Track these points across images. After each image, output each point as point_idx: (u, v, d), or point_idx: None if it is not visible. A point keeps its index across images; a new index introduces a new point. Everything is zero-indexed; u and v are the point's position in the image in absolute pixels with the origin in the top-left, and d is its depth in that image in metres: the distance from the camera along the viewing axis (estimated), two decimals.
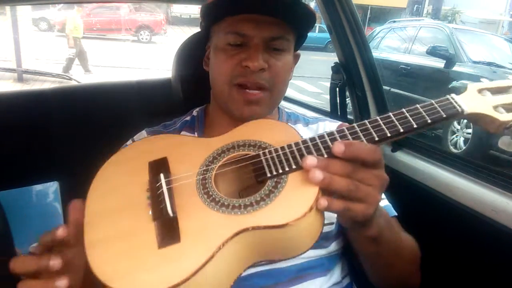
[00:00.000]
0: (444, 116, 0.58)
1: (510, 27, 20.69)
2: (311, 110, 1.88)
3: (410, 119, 0.57)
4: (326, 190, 0.53)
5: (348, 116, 1.52)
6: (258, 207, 0.50)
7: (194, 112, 0.93)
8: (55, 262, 0.49)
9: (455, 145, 4.99)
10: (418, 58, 5.75)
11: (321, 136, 0.57)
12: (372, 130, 0.56)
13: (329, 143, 0.56)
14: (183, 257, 0.46)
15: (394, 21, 7.28)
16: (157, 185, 0.55)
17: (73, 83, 2.01)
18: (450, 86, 5.15)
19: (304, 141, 0.57)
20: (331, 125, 0.91)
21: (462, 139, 4.91)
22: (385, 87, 1.48)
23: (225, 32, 0.76)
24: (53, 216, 1.33)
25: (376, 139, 0.55)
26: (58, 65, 9.09)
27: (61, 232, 0.51)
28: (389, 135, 0.56)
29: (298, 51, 0.89)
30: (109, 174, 0.60)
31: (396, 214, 0.83)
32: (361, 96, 1.39)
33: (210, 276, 0.47)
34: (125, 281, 0.44)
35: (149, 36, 14.92)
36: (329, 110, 1.57)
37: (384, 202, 0.85)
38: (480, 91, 0.62)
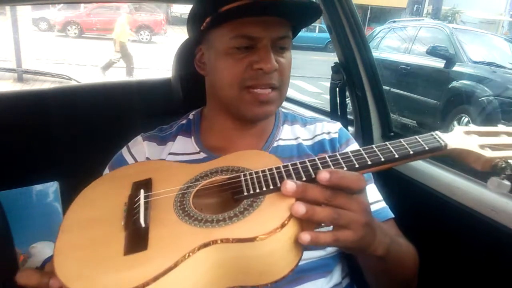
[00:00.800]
0: (426, 148, 0.58)
1: (510, 27, 20.69)
2: (311, 110, 1.88)
3: (392, 149, 0.57)
4: (308, 221, 0.52)
5: (348, 116, 1.52)
6: (230, 222, 0.50)
7: (190, 116, 0.92)
8: (54, 282, 0.49)
9: None
10: (418, 58, 5.74)
11: (302, 162, 0.57)
12: (353, 158, 0.56)
13: (310, 168, 0.55)
14: (146, 263, 0.45)
15: (394, 21, 7.27)
16: (136, 199, 0.56)
17: (73, 83, 2.01)
18: (450, 86, 5.16)
19: (285, 166, 0.57)
20: (329, 125, 0.90)
21: None
22: (385, 87, 1.48)
23: (231, 36, 0.74)
24: (53, 216, 1.33)
25: (357, 166, 0.55)
26: (58, 65, 9.09)
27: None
28: (369, 163, 0.55)
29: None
30: (94, 189, 0.62)
31: (393, 216, 0.83)
32: (361, 96, 1.39)
33: (174, 287, 0.45)
34: (84, 283, 0.44)
35: (149, 36, 14.91)
36: (329, 110, 1.57)
37: (381, 204, 0.84)
38: (467, 133, 0.62)
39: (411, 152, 0.57)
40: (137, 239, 0.49)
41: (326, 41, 15.81)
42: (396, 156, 0.56)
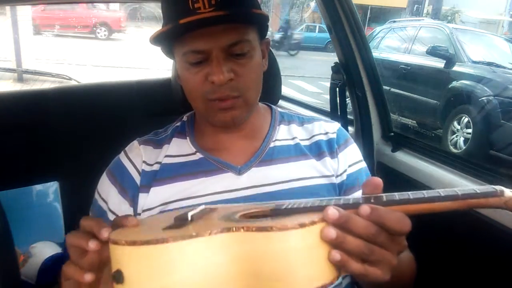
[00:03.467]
0: (478, 192, 0.51)
1: (510, 27, 20.69)
2: (310, 110, 1.88)
3: (440, 191, 0.52)
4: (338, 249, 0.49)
5: (348, 116, 1.52)
6: (259, 221, 0.50)
7: (184, 117, 0.92)
8: (92, 244, 0.52)
9: (455, 145, 4.98)
10: (418, 58, 5.75)
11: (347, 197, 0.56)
12: (397, 195, 0.52)
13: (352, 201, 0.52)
14: (174, 233, 0.48)
15: (394, 21, 7.27)
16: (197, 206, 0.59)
17: (73, 83, 2.01)
18: (450, 86, 5.16)
19: (331, 198, 0.56)
20: (327, 125, 0.90)
21: (462, 139, 4.91)
22: (385, 87, 1.48)
23: (183, 53, 0.75)
24: (53, 216, 1.33)
25: (396, 198, 0.51)
26: (58, 65, 9.09)
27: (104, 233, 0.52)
28: (411, 198, 0.51)
29: (268, 38, 0.86)
30: None
31: None
32: (361, 96, 1.39)
33: (190, 257, 0.46)
34: (121, 235, 0.49)
35: (106, 33, 14.21)
36: (329, 110, 1.57)
37: None
38: None
39: (459, 194, 0.51)
40: (178, 223, 0.53)
41: (326, 41, 15.80)
42: (442, 195, 0.51)
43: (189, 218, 0.54)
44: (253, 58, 0.76)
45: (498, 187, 0.51)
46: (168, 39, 0.76)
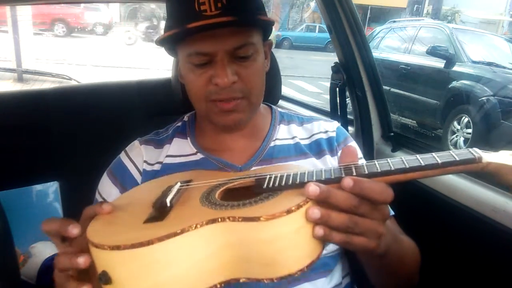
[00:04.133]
0: (457, 159, 0.52)
1: (510, 27, 20.69)
2: (310, 110, 1.88)
3: (419, 159, 0.53)
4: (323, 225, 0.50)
5: (348, 116, 1.52)
6: (243, 207, 0.51)
7: (185, 118, 0.93)
8: (74, 227, 0.53)
9: (455, 145, 4.98)
10: (418, 58, 5.74)
11: (327, 169, 0.55)
12: (377, 164, 0.53)
13: (333, 174, 0.53)
14: (157, 229, 0.49)
15: (394, 21, 7.27)
16: (172, 187, 0.60)
17: (73, 83, 2.01)
18: (450, 86, 5.16)
19: (311, 170, 0.56)
20: (326, 124, 0.90)
21: (462, 139, 4.91)
22: (385, 87, 1.48)
23: (187, 54, 0.75)
24: (53, 216, 1.33)
25: (379, 170, 0.53)
26: (58, 65, 9.09)
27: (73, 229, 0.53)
28: (392, 168, 0.53)
29: (270, 39, 0.87)
30: (140, 187, 0.70)
31: (393, 213, 0.83)
32: (361, 96, 1.39)
33: (176, 254, 0.47)
34: (99, 236, 0.49)
35: (65, 29, 13.87)
36: (329, 110, 1.57)
37: None
38: None
39: (439, 162, 0.52)
40: (158, 213, 0.53)
41: (326, 41, 15.82)
42: (422, 164, 0.52)
43: (168, 204, 0.54)
44: (256, 60, 0.77)
45: (476, 153, 0.53)
46: (174, 41, 0.77)
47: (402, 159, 0.54)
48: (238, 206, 0.51)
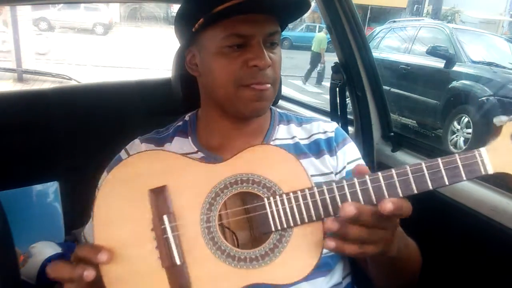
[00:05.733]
0: (464, 179, 0.53)
1: (510, 27, 20.68)
2: (310, 110, 1.88)
3: (427, 177, 0.54)
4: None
5: (348, 116, 1.52)
6: (263, 263, 0.51)
7: (186, 117, 0.93)
8: (88, 274, 0.53)
9: (455, 145, 4.99)
10: (418, 58, 5.75)
11: (328, 185, 0.54)
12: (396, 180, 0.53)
13: (347, 192, 0.52)
14: None
15: (394, 21, 7.27)
16: (162, 227, 0.56)
17: (73, 83, 2.01)
18: (450, 86, 5.16)
19: (311, 191, 0.54)
20: (325, 125, 0.91)
21: (462, 139, 4.91)
22: (385, 87, 1.48)
23: (223, 36, 0.75)
24: (53, 216, 1.33)
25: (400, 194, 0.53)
26: (58, 65, 9.09)
27: (103, 256, 0.54)
28: (400, 193, 0.54)
29: None
30: (110, 199, 0.59)
31: None
32: (361, 96, 1.39)
33: None
34: None
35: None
36: (329, 110, 1.57)
37: None
38: None
39: (447, 183, 0.53)
40: (179, 278, 0.52)
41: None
42: (430, 187, 0.54)
43: (179, 262, 0.52)
44: (279, 49, 0.81)
45: (483, 164, 0.53)
46: (209, 15, 0.74)
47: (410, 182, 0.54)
48: (257, 261, 0.51)
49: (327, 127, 0.90)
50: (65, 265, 0.56)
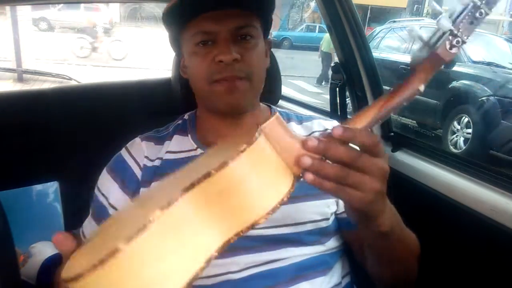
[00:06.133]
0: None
1: (510, 27, 20.68)
2: (310, 110, 1.88)
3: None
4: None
5: (348, 116, 1.52)
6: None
7: (186, 116, 0.94)
8: None
9: (455, 145, 4.99)
10: None
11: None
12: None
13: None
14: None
15: (394, 21, 7.28)
16: None
17: (73, 83, 2.01)
18: (450, 86, 5.16)
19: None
20: (325, 122, 0.91)
21: (462, 139, 4.91)
22: (385, 87, 1.47)
23: (191, 35, 0.79)
24: (53, 216, 1.33)
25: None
26: (58, 65, 9.09)
27: None
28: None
29: (270, 38, 0.92)
30: None
31: None
32: (361, 96, 1.39)
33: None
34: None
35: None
36: (329, 110, 1.57)
37: None
38: None
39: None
40: None
41: None
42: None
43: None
44: (257, 45, 0.81)
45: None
46: (179, 18, 0.80)
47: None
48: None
49: (328, 124, 0.91)
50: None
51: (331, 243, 0.81)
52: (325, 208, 0.80)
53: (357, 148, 0.52)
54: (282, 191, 0.48)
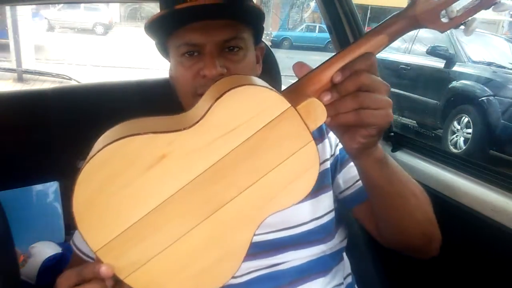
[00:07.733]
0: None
1: (510, 27, 20.69)
2: None
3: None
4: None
5: None
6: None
7: None
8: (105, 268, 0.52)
9: (455, 145, 4.98)
10: (418, 58, 5.75)
11: None
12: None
13: None
14: None
15: None
16: None
17: (73, 83, 2.01)
18: (450, 86, 5.16)
19: None
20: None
21: (462, 139, 4.91)
22: None
23: (177, 45, 0.76)
24: (53, 216, 1.33)
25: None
26: (58, 65, 9.09)
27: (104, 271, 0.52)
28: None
29: (262, 44, 0.88)
30: None
31: None
32: None
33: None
34: None
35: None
36: None
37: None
38: None
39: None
40: None
41: (326, 41, 15.79)
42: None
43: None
44: (246, 57, 0.77)
45: None
46: (163, 29, 0.76)
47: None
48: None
49: None
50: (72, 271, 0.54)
51: (334, 241, 0.81)
52: (322, 205, 0.80)
53: None
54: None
